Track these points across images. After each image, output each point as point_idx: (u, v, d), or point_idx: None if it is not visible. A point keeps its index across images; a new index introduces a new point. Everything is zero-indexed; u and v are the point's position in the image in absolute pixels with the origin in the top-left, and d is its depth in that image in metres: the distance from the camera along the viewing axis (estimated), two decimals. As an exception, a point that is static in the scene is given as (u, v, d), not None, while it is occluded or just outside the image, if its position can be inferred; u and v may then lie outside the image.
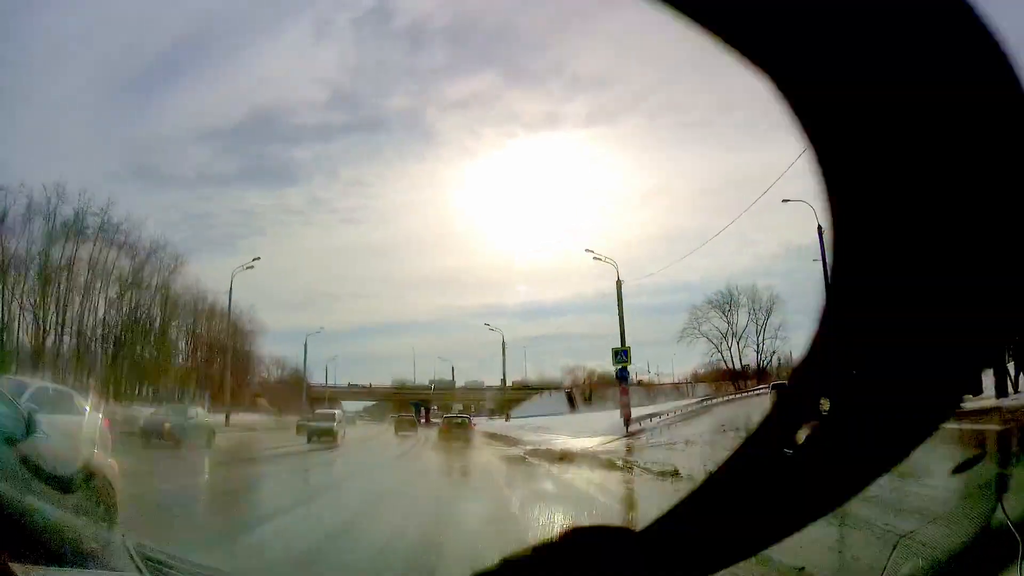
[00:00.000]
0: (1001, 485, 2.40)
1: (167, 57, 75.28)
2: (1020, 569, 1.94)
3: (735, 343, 60.83)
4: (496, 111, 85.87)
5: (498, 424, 50.09)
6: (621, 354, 27.77)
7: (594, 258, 33.23)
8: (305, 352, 57.54)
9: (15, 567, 2.65)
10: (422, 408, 68.65)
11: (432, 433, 34.80)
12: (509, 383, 61.88)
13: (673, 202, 78.65)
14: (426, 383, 70.39)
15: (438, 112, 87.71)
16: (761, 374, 58.78)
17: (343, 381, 68.92)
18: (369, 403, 73.93)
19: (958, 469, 2.72)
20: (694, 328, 60.27)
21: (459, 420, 34.01)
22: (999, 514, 2.09)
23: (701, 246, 63.57)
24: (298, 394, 61.83)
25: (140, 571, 2.60)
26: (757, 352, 61.48)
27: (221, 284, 65.60)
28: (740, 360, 61.13)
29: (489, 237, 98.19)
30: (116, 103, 69.42)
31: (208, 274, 70.21)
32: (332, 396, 66.34)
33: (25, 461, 4.41)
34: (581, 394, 66.84)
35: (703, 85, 77.36)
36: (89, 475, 5.09)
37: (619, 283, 31.02)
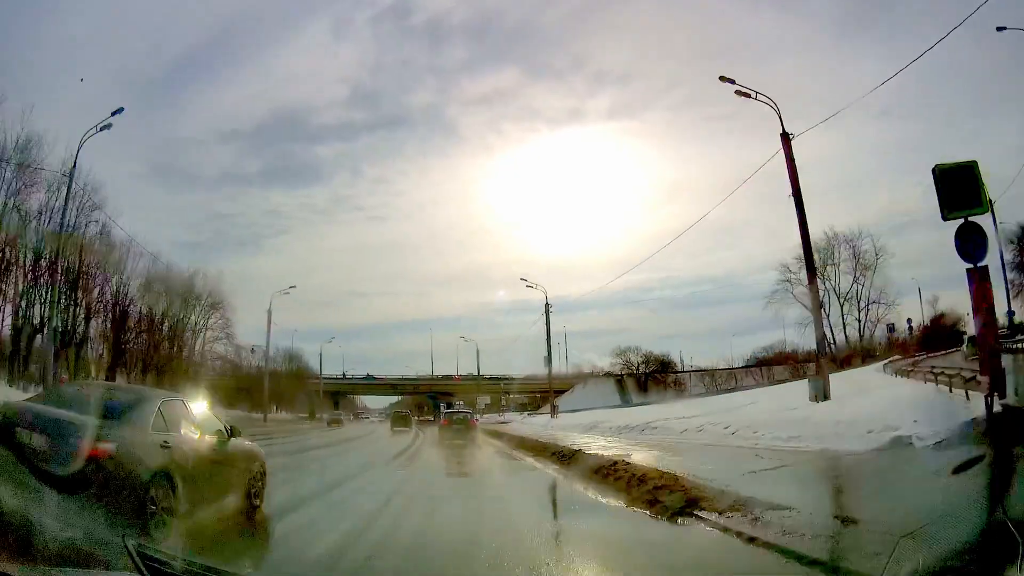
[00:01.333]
0: (1001, 485, 2.40)
1: (188, 59, 73.98)
2: (1020, 569, 1.94)
3: (842, 306, 46.16)
4: (518, 107, 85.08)
5: (540, 423, 33.32)
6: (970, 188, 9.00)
7: (737, 92, 24.57)
8: (269, 319, 43.11)
9: (15, 567, 2.65)
10: (440, 404, 57.53)
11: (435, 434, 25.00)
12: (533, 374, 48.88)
13: (699, 195, 76.77)
14: (450, 375, 60.37)
15: (460, 109, 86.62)
16: (864, 348, 45.64)
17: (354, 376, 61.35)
18: (395, 398, 67.51)
19: (958, 469, 2.71)
20: (787, 290, 44.50)
21: (461, 416, 26.78)
22: (999, 514, 2.08)
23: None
24: (297, 387, 53.20)
25: (140, 571, 2.60)
26: (859, 320, 46.91)
27: (241, 284, 64.09)
28: (844, 328, 45.94)
29: (513, 232, 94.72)
30: (138, 105, 69.28)
31: (234, 273, 69.35)
32: (331, 389, 59.13)
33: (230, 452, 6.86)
34: (636, 382, 56.43)
35: (718, 77, 76.92)
36: (255, 458, 7.59)
37: (786, 136, 23.93)
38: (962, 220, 9.21)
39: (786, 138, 21.89)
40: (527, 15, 74.37)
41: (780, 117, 21.79)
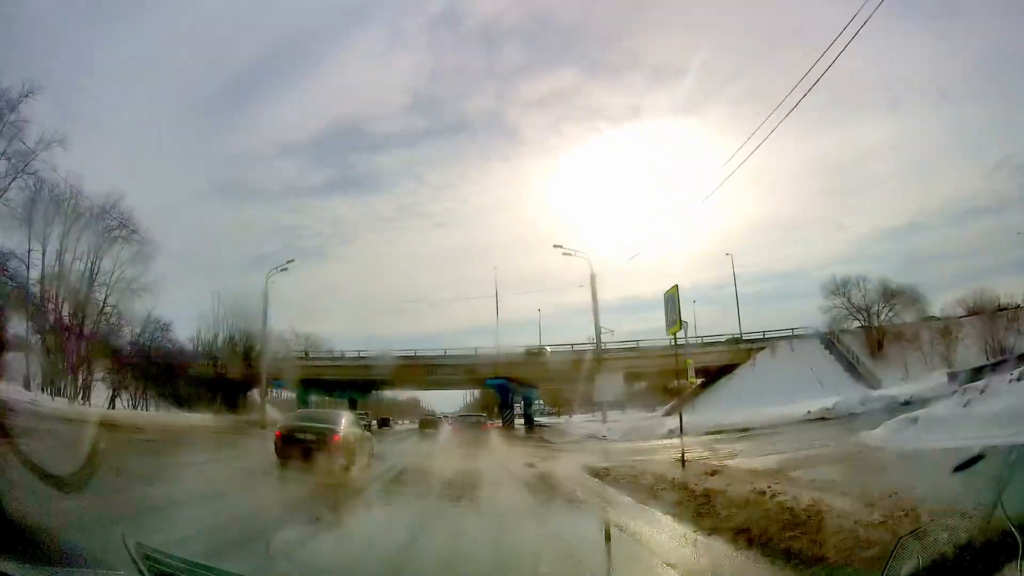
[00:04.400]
0: (1001, 485, 2.39)
1: (246, 77, 74.95)
2: (1020, 568, 1.94)
3: None
4: (577, 107, 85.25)
5: None
6: None
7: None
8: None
9: (15, 567, 2.65)
10: (512, 396, 38.33)
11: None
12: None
13: (766, 190, 73.37)
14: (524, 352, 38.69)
15: (519, 111, 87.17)
16: None
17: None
18: (460, 394, 59.41)
19: (958, 469, 2.71)
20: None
21: (474, 419, 24.54)
22: (999, 514, 2.08)
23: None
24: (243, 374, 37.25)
25: (140, 571, 2.61)
26: None
27: (308, 293, 63.68)
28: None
29: (580, 233, 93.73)
30: (199, 122, 70.21)
31: (300, 280, 69.05)
32: (307, 376, 36.91)
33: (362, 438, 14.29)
34: (867, 343, 34.47)
35: (782, 68, 76.72)
36: (368, 441, 14.86)
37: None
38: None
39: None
40: (580, 13, 74.63)
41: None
